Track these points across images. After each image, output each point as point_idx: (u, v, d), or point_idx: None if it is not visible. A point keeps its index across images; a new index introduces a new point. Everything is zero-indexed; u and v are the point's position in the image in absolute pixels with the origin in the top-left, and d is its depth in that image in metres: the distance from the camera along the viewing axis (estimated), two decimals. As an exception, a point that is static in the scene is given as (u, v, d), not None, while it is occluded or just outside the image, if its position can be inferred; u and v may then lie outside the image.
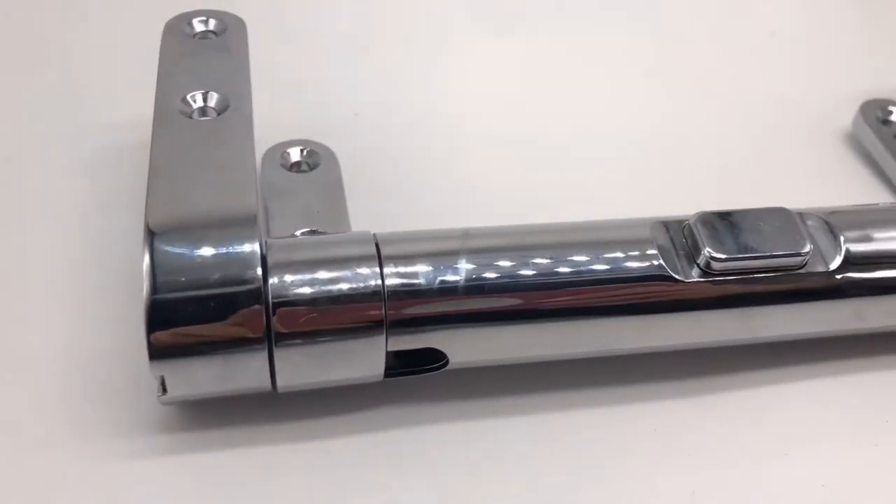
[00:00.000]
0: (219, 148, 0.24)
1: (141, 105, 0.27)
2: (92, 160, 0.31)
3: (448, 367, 0.23)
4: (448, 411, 0.24)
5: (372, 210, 0.29)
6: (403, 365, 0.23)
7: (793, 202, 0.26)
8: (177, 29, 0.28)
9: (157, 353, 0.20)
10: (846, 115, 0.36)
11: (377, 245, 0.23)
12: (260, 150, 0.30)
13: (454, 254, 0.23)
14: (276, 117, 0.33)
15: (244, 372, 0.21)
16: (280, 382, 0.22)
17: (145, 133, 0.24)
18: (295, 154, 0.30)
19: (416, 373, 0.23)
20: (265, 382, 0.22)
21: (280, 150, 0.30)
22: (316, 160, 0.30)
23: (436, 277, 0.22)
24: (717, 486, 0.23)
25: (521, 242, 0.24)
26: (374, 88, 0.36)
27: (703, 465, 0.24)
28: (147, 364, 0.20)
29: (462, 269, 0.23)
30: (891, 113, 0.35)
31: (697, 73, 0.39)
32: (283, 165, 0.30)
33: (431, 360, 0.23)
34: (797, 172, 0.34)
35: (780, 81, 0.39)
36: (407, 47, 0.38)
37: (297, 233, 0.27)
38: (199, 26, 0.28)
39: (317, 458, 0.23)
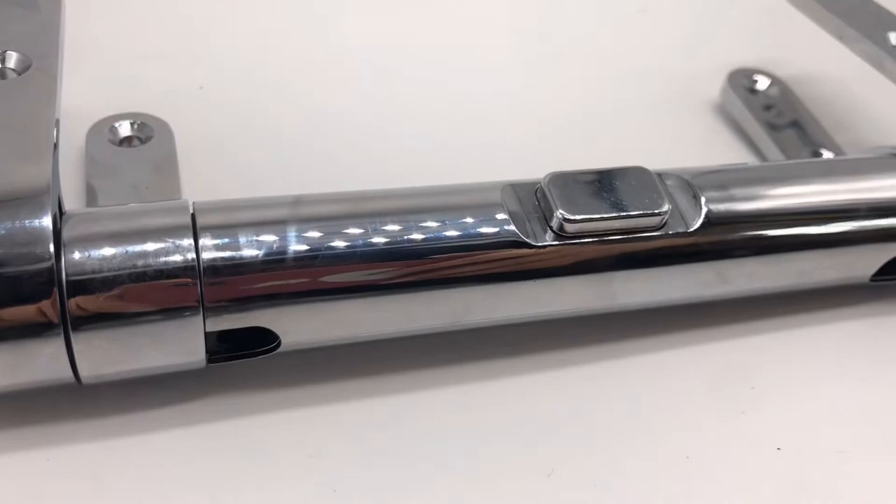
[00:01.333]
0: (12, 111, 0.21)
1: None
2: None
3: (280, 350, 0.21)
4: (280, 399, 0.22)
5: (210, 186, 0.26)
6: (230, 349, 0.21)
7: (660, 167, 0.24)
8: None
9: None
10: (715, 86, 0.35)
11: (193, 215, 0.20)
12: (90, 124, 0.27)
13: (282, 222, 0.21)
14: (114, 91, 0.30)
15: (39, 361, 0.19)
16: (83, 372, 0.19)
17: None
18: (125, 128, 0.28)
19: (243, 357, 0.21)
20: (65, 373, 0.19)
21: (108, 123, 0.28)
22: (148, 134, 0.28)
23: (260, 248, 0.20)
24: (577, 464, 0.22)
25: (358, 209, 0.21)
26: (221, 60, 0.33)
27: (566, 441, 0.22)
28: None
29: (291, 238, 0.20)
30: (756, 82, 0.35)
31: (568, 44, 0.38)
32: (111, 140, 0.27)
33: (263, 342, 0.21)
34: (665, 140, 0.33)
35: (650, 54, 0.38)
36: (257, 17, 0.35)
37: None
38: (3, -19, 0.25)
39: (130, 455, 0.20)
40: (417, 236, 0.21)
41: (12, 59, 0.23)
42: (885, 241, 0.25)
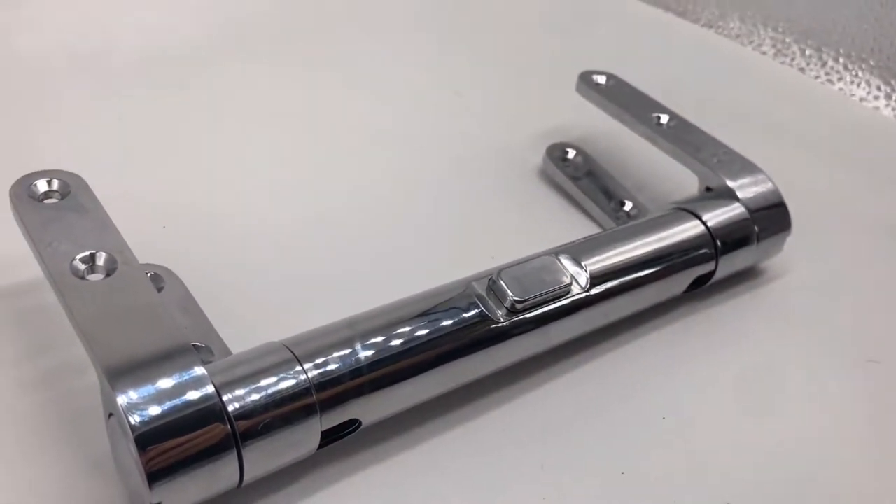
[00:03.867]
0: (127, 299, 0.30)
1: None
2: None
3: (359, 430, 0.33)
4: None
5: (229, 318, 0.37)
6: (325, 436, 0.32)
7: (508, 234, 0.42)
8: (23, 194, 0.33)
9: (153, 476, 0.27)
10: (537, 156, 0.51)
11: (290, 349, 0.31)
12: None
13: (350, 341, 0.32)
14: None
15: (219, 476, 0.29)
16: (247, 476, 0.30)
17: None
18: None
19: (338, 439, 0.32)
20: (234, 481, 0.30)
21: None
22: (159, 284, 0.37)
23: (345, 362, 0.32)
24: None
25: (389, 320, 0.34)
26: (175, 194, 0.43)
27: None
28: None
29: (360, 352, 0.32)
30: (567, 153, 0.51)
31: (390, 130, 0.51)
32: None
33: (344, 427, 0.33)
34: (507, 207, 0.48)
35: (476, 134, 0.53)
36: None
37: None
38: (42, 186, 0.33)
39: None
40: (429, 330, 0.34)
41: (101, 259, 0.32)
42: (688, 267, 0.42)
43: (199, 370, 0.29)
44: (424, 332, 0.34)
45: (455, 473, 0.34)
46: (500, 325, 0.35)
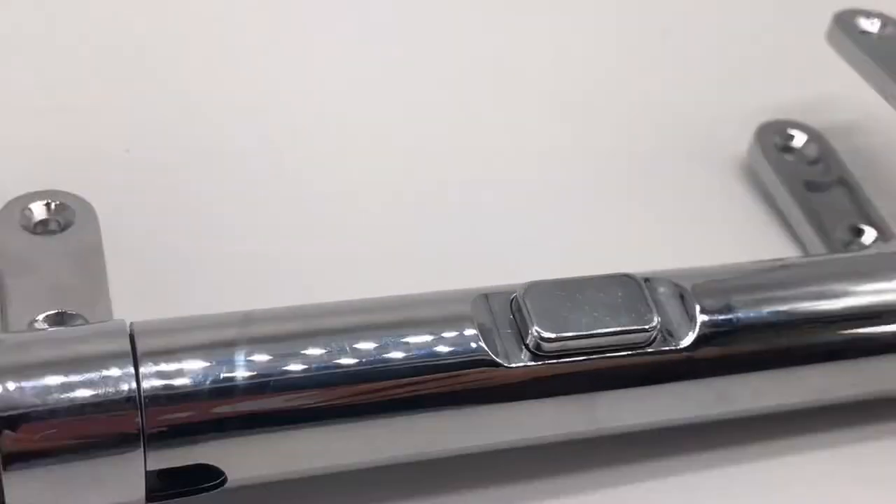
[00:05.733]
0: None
1: None
2: None
3: (226, 486, 0.27)
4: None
5: (141, 282, 0.32)
6: (170, 486, 0.27)
7: (667, 253, 0.32)
8: None
9: None
10: (741, 140, 0.42)
11: (132, 337, 0.26)
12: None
13: (230, 345, 0.27)
14: (19, 159, 0.36)
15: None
16: (12, 514, 0.25)
17: None
18: (39, 210, 0.33)
19: (185, 494, 0.27)
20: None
21: (20, 205, 0.33)
22: (68, 217, 0.33)
23: (206, 376, 0.26)
24: None
25: (313, 327, 0.28)
26: (151, 114, 0.39)
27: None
28: None
29: (239, 364, 0.26)
30: (791, 138, 0.41)
31: (567, 78, 0.44)
32: (24, 226, 0.33)
33: (205, 477, 0.27)
34: (675, 214, 0.40)
35: (668, 93, 0.44)
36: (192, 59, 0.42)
37: (40, 317, 0.30)
38: None
39: None
40: (377, 357, 0.27)
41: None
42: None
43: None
44: (359, 357, 0.27)
45: None
46: (504, 369, 0.28)
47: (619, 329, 0.28)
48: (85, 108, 0.39)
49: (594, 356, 0.28)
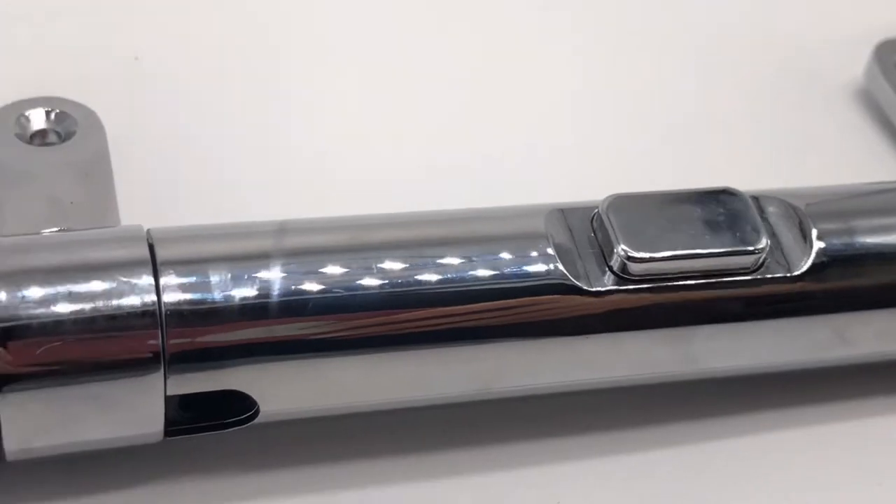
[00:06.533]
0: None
1: None
2: None
3: (258, 420, 0.25)
4: (258, 484, 0.26)
5: (152, 199, 0.32)
6: (194, 418, 0.25)
7: (777, 179, 0.30)
8: None
9: None
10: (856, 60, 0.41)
11: (151, 245, 0.25)
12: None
13: (264, 257, 0.25)
14: (14, 61, 0.35)
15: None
16: (9, 446, 0.24)
17: None
18: (38, 118, 0.32)
19: (210, 429, 0.25)
20: (-15, 447, 0.24)
21: (15, 112, 0.32)
22: (70, 127, 0.32)
23: (238, 291, 0.24)
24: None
25: (360, 240, 0.26)
26: (164, 19, 0.38)
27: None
28: None
29: (275, 279, 0.25)
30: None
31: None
32: (19, 136, 0.32)
33: (235, 409, 0.25)
34: (780, 140, 0.39)
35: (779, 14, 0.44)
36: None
37: (43, 233, 0.28)
38: None
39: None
40: (434, 277, 0.26)
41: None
42: None
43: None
44: (412, 277, 0.26)
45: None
46: (587, 295, 0.26)
47: (720, 250, 0.27)
48: (91, 9, 0.38)
49: (690, 281, 0.27)
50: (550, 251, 0.27)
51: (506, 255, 0.27)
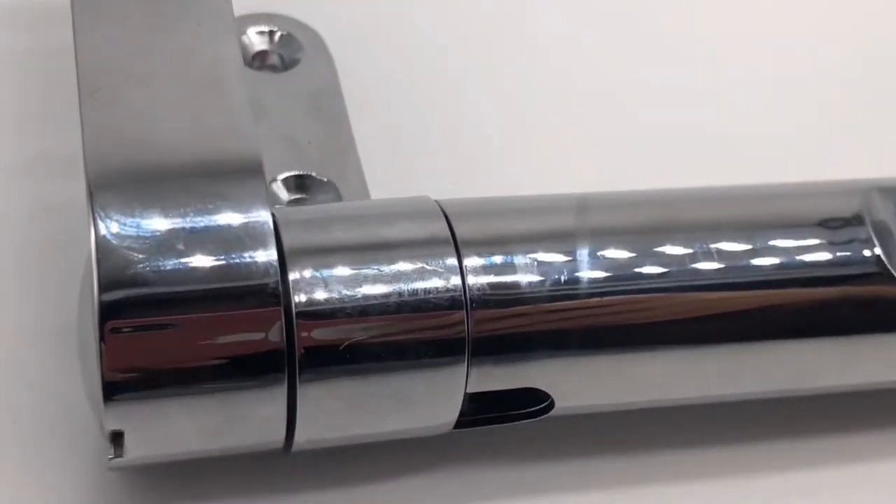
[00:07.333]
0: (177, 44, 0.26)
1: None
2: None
3: (551, 414, 0.26)
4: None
5: (388, 138, 0.32)
6: (479, 409, 0.26)
7: None
8: None
9: (113, 389, 0.22)
10: None
11: (449, 220, 0.25)
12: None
13: (569, 236, 0.25)
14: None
15: (248, 420, 0.23)
16: (300, 436, 0.24)
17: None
18: (259, 40, 0.32)
19: (499, 421, 0.26)
20: (276, 436, 0.24)
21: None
22: (294, 52, 0.32)
23: (545, 274, 0.25)
24: None
25: (671, 219, 0.26)
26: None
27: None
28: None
29: (584, 262, 0.25)
30: None
31: None
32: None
33: (522, 400, 0.26)
34: None
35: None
36: None
37: (279, 178, 0.29)
38: None
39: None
40: (768, 262, 0.26)
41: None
42: None
43: (261, 213, 0.23)
44: (728, 262, 0.26)
45: None
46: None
47: None
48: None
49: None
50: (867, 235, 0.27)
51: (816, 239, 0.27)
